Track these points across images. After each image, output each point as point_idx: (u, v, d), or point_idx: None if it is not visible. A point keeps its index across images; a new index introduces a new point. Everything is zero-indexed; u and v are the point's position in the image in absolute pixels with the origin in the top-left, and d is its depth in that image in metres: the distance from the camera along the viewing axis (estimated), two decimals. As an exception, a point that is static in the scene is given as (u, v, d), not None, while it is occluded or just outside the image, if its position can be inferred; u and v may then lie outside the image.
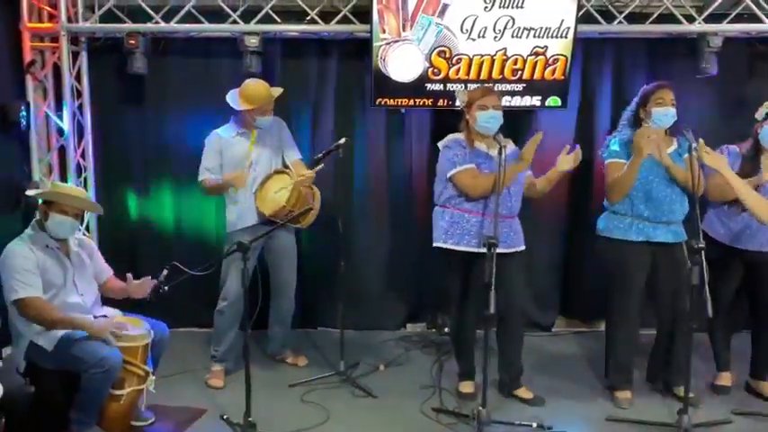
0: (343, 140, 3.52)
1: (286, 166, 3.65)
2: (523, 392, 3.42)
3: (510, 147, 3.31)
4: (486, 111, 3.18)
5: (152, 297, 2.88)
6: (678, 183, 3.18)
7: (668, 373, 3.40)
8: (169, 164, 4.34)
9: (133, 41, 3.96)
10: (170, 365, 3.74)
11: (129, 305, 3.16)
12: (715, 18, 4.08)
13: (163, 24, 4.08)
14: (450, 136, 3.36)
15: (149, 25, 4.08)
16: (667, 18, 4.11)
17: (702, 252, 2.83)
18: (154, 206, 4.42)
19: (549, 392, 3.46)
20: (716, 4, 4.04)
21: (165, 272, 2.86)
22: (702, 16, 4.07)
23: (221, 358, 3.63)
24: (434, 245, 3.35)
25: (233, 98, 3.50)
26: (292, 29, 4.14)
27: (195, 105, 4.23)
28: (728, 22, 4.07)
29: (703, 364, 3.61)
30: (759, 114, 3.28)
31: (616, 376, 3.41)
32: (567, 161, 3.26)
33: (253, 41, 3.98)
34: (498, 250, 3.09)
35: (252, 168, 3.54)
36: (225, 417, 3.13)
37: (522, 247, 3.35)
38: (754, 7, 4.05)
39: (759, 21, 4.07)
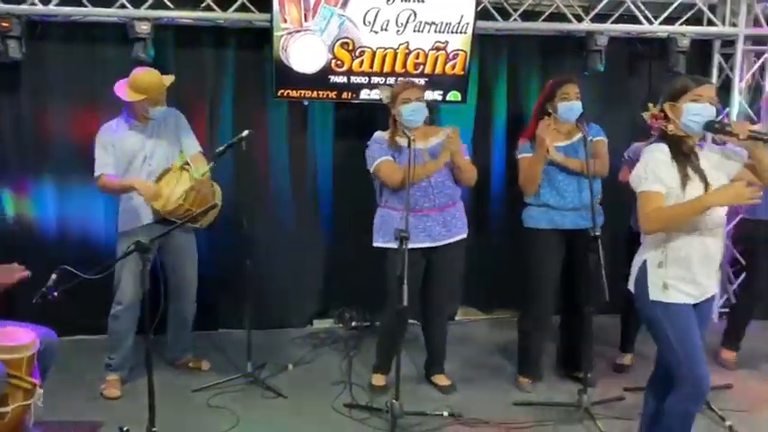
0: (245, 133, 3.39)
1: (185, 161, 3.46)
2: (440, 379, 3.50)
3: (439, 137, 3.32)
4: (409, 104, 3.19)
5: (38, 300, 2.61)
6: (576, 172, 3.33)
7: (571, 356, 3.57)
8: (50, 159, 3.98)
9: (6, 24, 3.59)
10: (59, 377, 3.43)
11: (11, 313, 2.87)
12: (601, 18, 4.33)
13: (40, 6, 3.74)
14: (375, 134, 3.37)
15: (25, 7, 3.72)
16: (558, 17, 4.31)
17: (599, 239, 2.98)
18: (33, 206, 4.04)
19: (458, 381, 3.54)
20: (602, 4, 4.28)
21: (53, 276, 2.61)
22: (589, 16, 4.31)
23: (117, 366, 3.39)
24: (373, 245, 3.37)
25: (121, 89, 3.26)
26: (186, 15, 3.94)
27: (79, 96, 3.92)
28: (612, 23, 4.33)
29: (608, 345, 3.85)
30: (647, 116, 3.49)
31: (526, 361, 3.53)
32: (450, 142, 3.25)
33: (144, 28, 3.73)
34: (426, 244, 3.18)
35: (146, 163, 3.33)
36: (125, 429, 2.92)
37: (458, 237, 3.36)
38: (634, 9, 4.33)
39: (639, 22, 4.36)
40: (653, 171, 2.33)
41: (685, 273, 2.37)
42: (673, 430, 2.49)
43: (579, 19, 4.32)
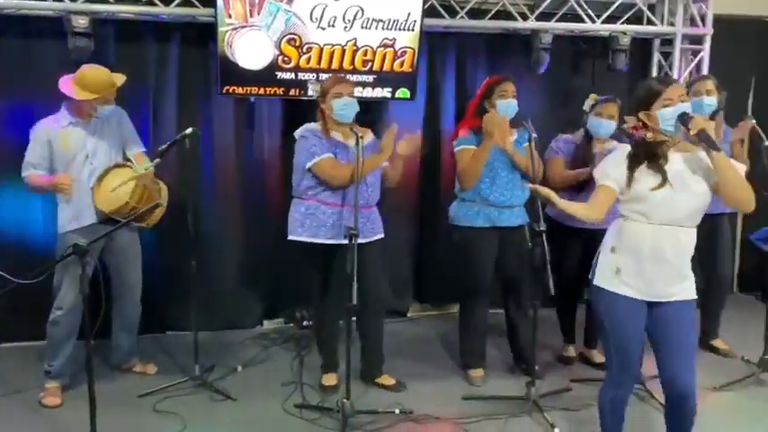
0: (189, 130, 3.30)
1: (128, 160, 3.36)
2: (385, 380, 3.48)
3: (369, 137, 3.33)
4: (340, 98, 3.17)
5: None
6: (520, 169, 3.38)
7: (517, 349, 3.63)
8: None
9: (-69, 17, 3.41)
10: (-5, 387, 3.33)
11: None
12: (545, 16, 4.41)
13: (-31, -2, 3.56)
14: (306, 126, 3.30)
15: (-49, -2, 3.54)
16: (504, 15, 4.36)
17: (544, 234, 3.04)
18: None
19: (408, 377, 3.54)
20: (546, 2, 4.36)
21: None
22: (534, 14, 4.37)
23: (57, 373, 3.27)
24: (289, 238, 3.27)
25: (68, 86, 3.12)
26: (126, 10, 3.82)
27: (12, 91, 3.76)
28: (556, 21, 4.41)
29: (553, 337, 3.92)
30: (586, 106, 3.59)
31: (469, 356, 3.58)
32: (402, 146, 3.24)
33: (81, 22, 3.60)
34: (359, 240, 3.12)
35: (88, 161, 3.21)
36: (65, 438, 2.83)
37: (380, 236, 3.38)
38: (577, 8, 4.43)
39: (582, 21, 4.46)
40: (607, 167, 2.44)
41: (633, 264, 2.37)
42: (603, 419, 2.57)
43: (525, 17, 4.38)
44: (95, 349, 3.61)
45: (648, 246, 2.35)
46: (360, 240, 3.08)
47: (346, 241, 3.10)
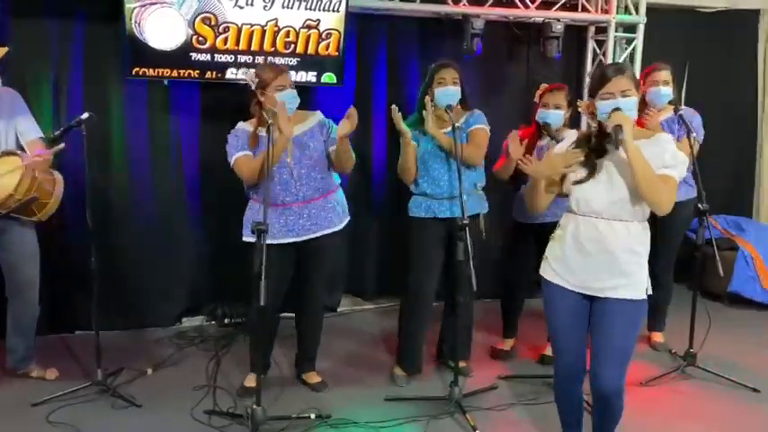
0: (85, 115, 3.02)
1: (21, 148, 3.06)
2: (310, 377, 3.34)
3: (313, 120, 3.12)
4: (283, 91, 2.96)
5: None
6: (446, 152, 3.21)
7: (450, 344, 3.49)
8: None
9: None
10: None
11: None
12: (478, 1, 4.25)
13: None
14: (238, 125, 3.10)
15: None
16: (436, -2, 4.20)
17: (466, 228, 2.90)
18: None
19: (332, 376, 3.39)
20: (479, -14, 4.21)
21: None
22: (467, -2, 4.22)
23: (-62, 382, 2.97)
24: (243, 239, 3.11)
25: None
26: (21, -19, 3.48)
27: None
28: (490, 6, 4.27)
29: (487, 331, 3.84)
30: (536, 97, 3.47)
31: (404, 353, 3.42)
32: (344, 126, 3.03)
33: (-32, -6, 3.26)
34: (288, 239, 3.02)
35: None
36: (-61, 456, 2.55)
37: (327, 231, 3.13)
38: (511, -7, 4.30)
39: (516, 6, 4.33)
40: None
41: (559, 252, 2.40)
42: (558, 411, 2.61)
43: (457, 1, 4.22)
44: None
45: (570, 235, 2.36)
46: (292, 239, 3.03)
47: (283, 240, 2.99)
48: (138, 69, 3.60)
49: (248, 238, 3.04)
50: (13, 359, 3.29)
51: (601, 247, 2.30)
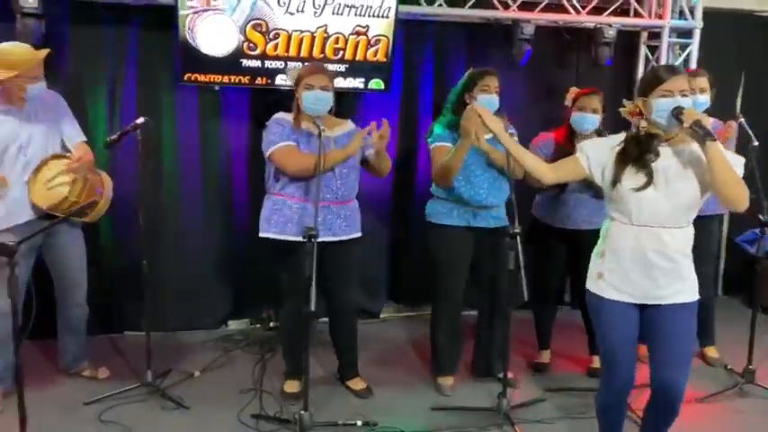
0: (141, 120, 3.07)
1: (67, 150, 3.13)
2: (355, 383, 3.32)
3: (345, 128, 3.14)
4: (311, 91, 2.96)
5: None
6: (496, 167, 3.19)
7: (490, 356, 3.44)
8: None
9: None
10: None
11: None
12: (528, 6, 4.20)
13: None
14: (275, 115, 3.10)
15: None
16: (485, 3, 4.15)
17: (518, 237, 2.84)
18: None
19: (377, 383, 3.37)
20: (529, -9, 4.16)
21: None
22: (516, 3, 4.17)
23: (-2, 378, 3.05)
24: (259, 235, 3.10)
25: None
26: (80, -11, 3.57)
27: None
28: (540, 11, 4.21)
29: (528, 343, 3.74)
30: (567, 100, 3.40)
31: (440, 362, 3.39)
32: (375, 141, 3.05)
33: (30, 1, 3.35)
34: (326, 238, 2.94)
35: (22, 153, 2.96)
36: (-2, 450, 2.61)
37: (354, 235, 3.16)
38: (561, -3, 4.24)
39: (567, 12, 4.26)
40: (588, 146, 2.37)
41: (616, 266, 2.31)
42: (599, 426, 2.53)
43: (506, 6, 4.17)
44: (47, 352, 3.49)
45: (630, 247, 2.28)
46: (329, 238, 2.97)
47: (327, 239, 2.97)
48: (189, 75, 3.65)
49: (272, 234, 3.04)
50: (65, 359, 3.37)
51: (664, 256, 2.25)
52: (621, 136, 2.34)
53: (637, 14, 4.42)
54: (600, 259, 2.37)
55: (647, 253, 2.25)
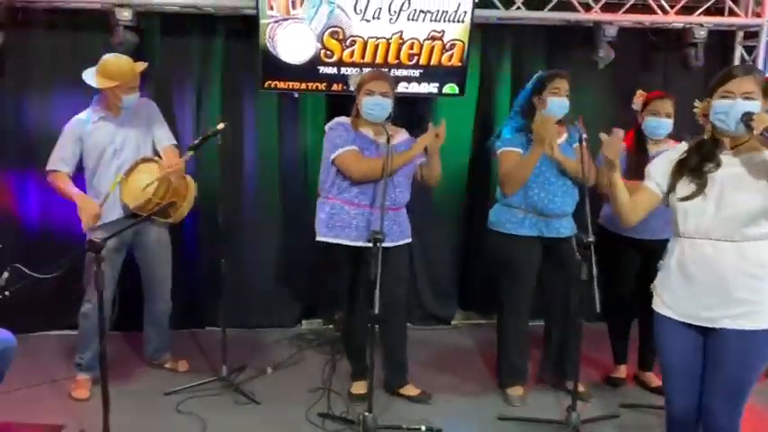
0: (221, 126, 3.22)
1: (157, 154, 3.32)
2: (409, 390, 3.29)
3: (402, 136, 3.15)
4: (371, 96, 2.99)
5: None
6: (569, 175, 3.10)
7: (560, 368, 3.35)
8: (32, 150, 3.87)
9: (-16, 10, 3.50)
10: (31, 375, 3.38)
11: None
12: (611, 7, 4.06)
13: (21, -8, 3.63)
14: (336, 118, 3.15)
15: (5, -8, 3.61)
16: (565, 6, 4.05)
17: (592, 246, 2.75)
18: (15, 198, 3.95)
19: (442, 389, 3.36)
20: (612, -8, 4.02)
21: (5, 275, 2.49)
22: (599, 5, 4.04)
23: (87, 366, 3.27)
24: (316, 239, 3.15)
25: (90, 76, 3.11)
26: (170, 2, 3.78)
27: (62, 86, 3.79)
28: (624, 13, 4.05)
29: (602, 356, 3.61)
30: (636, 104, 3.26)
31: (507, 372, 3.33)
32: (429, 139, 3.03)
33: (125, 15, 3.60)
34: (385, 244, 2.94)
35: (116, 156, 3.19)
36: (83, 433, 2.81)
37: (407, 240, 3.18)
38: (647, -3, 4.06)
39: (653, 12, 4.08)
40: (652, 165, 2.27)
41: (666, 281, 2.18)
42: None
43: (588, 8, 4.05)
44: (134, 343, 3.71)
45: (675, 261, 2.14)
46: (386, 244, 2.93)
47: (385, 244, 2.95)
48: (270, 82, 3.79)
49: (331, 238, 3.08)
50: (149, 350, 3.57)
51: (708, 272, 2.08)
52: (681, 148, 2.23)
53: (732, 13, 4.17)
54: (660, 273, 2.26)
55: (688, 266, 2.11)
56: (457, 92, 3.92)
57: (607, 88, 4.23)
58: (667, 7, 4.09)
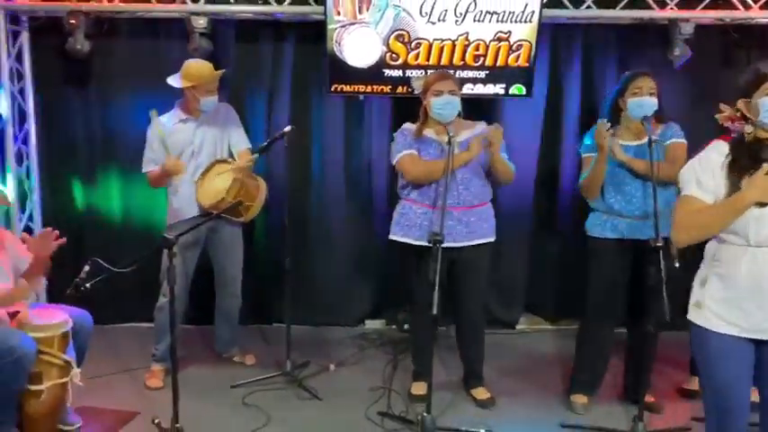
0: (287, 129, 3.34)
1: (232, 156, 3.46)
2: (479, 393, 3.29)
3: (474, 130, 3.15)
4: (440, 96, 3.01)
5: (72, 293, 2.66)
6: (641, 176, 3.00)
7: (632, 377, 3.24)
8: (115, 150, 4.13)
9: (74, 21, 3.73)
10: (109, 364, 3.59)
11: (58, 299, 2.98)
12: (688, 4, 3.90)
13: (106, 3, 3.86)
14: (403, 125, 3.22)
15: (92, 4, 3.84)
16: (638, 3, 3.92)
17: (660, 251, 2.65)
18: (100, 195, 4.21)
19: (505, 394, 3.32)
20: (689, -13, 3.85)
21: (86, 268, 2.65)
22: (674, 2, 3.89)
23: (161, 357, 3.44)
24: (389, 237, 3.24)
25: (174, 78, 3.31)
26: (242, 10, 3.92)
27: (142, 89, 4.00)
28: (702, 9, 3.88)
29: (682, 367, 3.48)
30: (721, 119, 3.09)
31: (579, 379, 3.25)
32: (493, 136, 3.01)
33: (201, 23, 3.76)
34: (447, 244, 2.93)
35: (194, 157, 3.36)
36: (156, 420, 2.93)
37: (482, 240, 3.15)
38: (729, -8, 3.87)
39: (734, 7, 3.89)
40: (697, 173, 2.02)
41: (726, 294, 2.00)
42: None
43: (663, 5, 3.90)
44: (205, 336, 3.87)
45: (745, 272, 1.96)
46: (449, 244, 2.92)
47: (447, 244, 2.92)
48: (337, 86, 3.86)
49: (397, 237, 3.15)
50: (219, 343, 3.72)
51: None
52: (719, 148, 2.03)
53: (821, 6, 3.92)
54: (702, 287, 2.07)
55: (763, 278, 1.94)
56: (524, 93, 3.87)
57: (683, 89, 4.06)
58: (750, 1, 3.88)
